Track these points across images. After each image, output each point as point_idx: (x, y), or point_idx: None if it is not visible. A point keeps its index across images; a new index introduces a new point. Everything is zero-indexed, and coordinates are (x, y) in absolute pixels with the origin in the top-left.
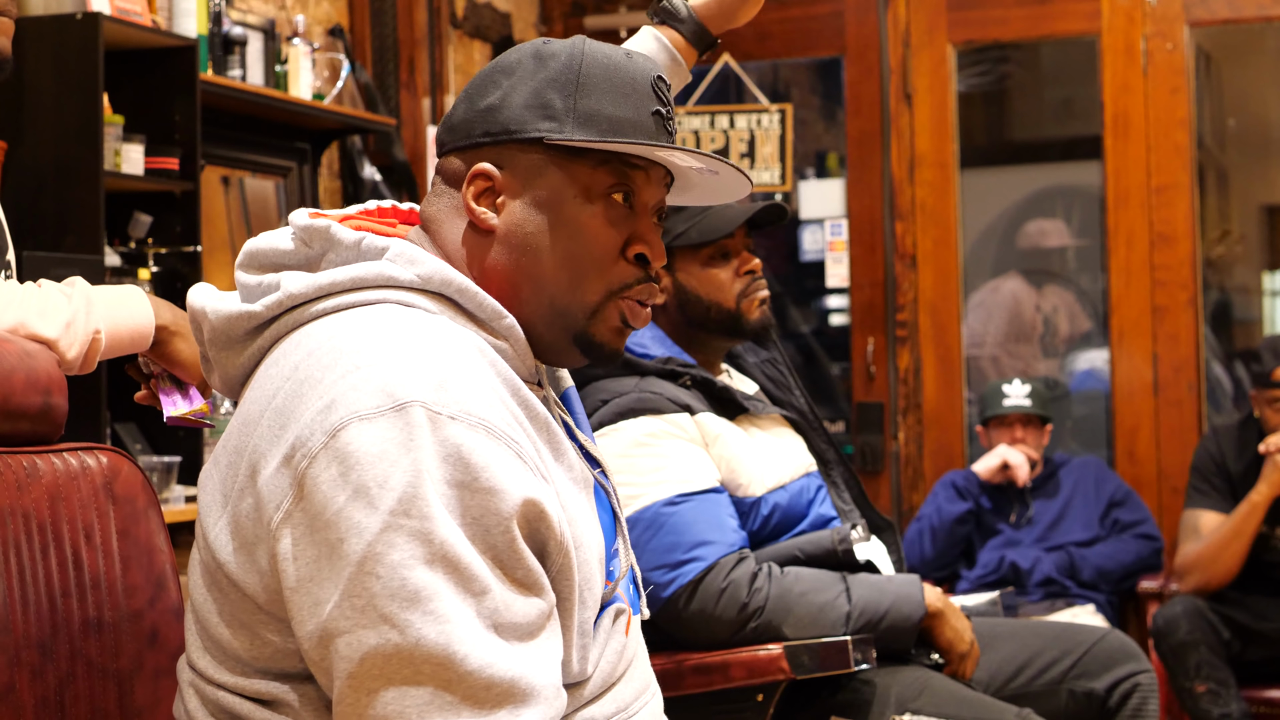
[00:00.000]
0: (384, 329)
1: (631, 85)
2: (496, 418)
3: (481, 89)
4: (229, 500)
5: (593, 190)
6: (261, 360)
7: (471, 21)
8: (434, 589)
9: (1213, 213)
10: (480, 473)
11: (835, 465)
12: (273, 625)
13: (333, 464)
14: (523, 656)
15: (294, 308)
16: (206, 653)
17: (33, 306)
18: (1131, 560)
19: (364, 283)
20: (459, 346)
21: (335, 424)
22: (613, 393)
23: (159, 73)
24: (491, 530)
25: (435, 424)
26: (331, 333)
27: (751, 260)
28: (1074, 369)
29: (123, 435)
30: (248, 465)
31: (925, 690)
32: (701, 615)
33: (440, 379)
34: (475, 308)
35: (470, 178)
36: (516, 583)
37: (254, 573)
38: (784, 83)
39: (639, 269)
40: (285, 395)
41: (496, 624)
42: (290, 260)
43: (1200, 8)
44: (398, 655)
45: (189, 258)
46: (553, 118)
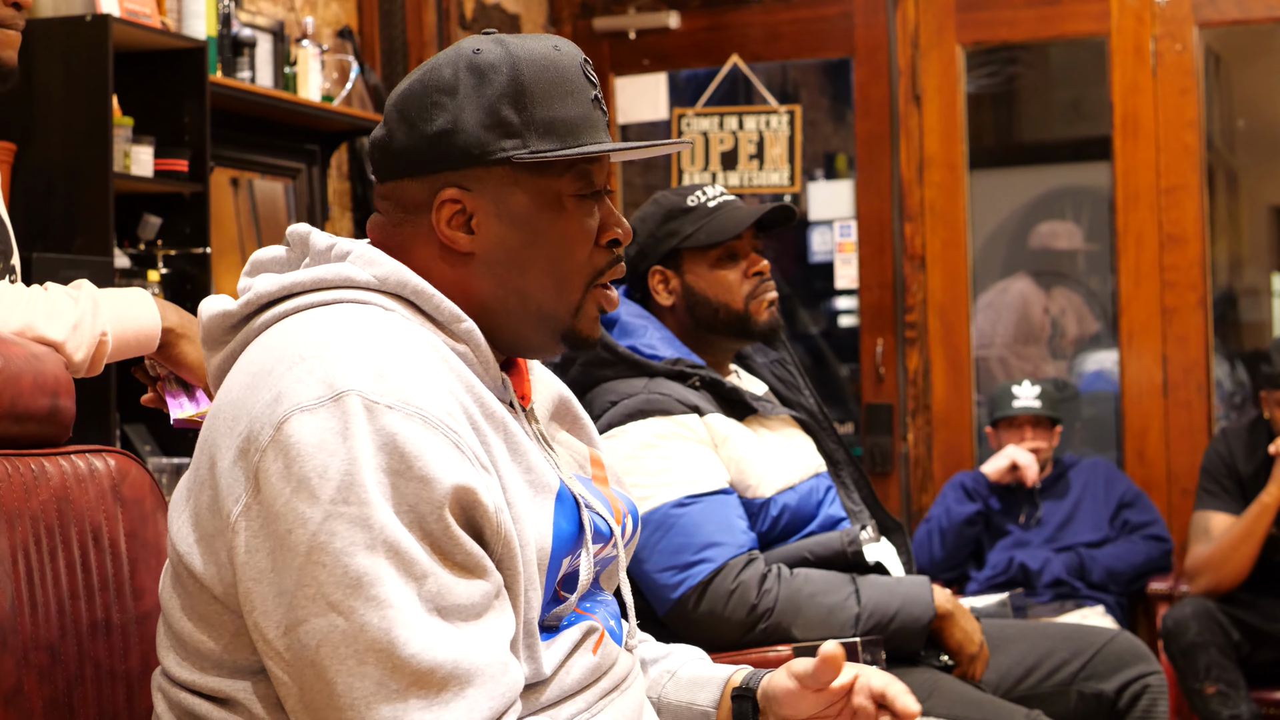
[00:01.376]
0: (334, 324)
1: (571, 81)
2: (434, 407)
3: (423, 111)
4: (192, 494)
5: (563, 195)
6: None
7: (480, 23)
8: (375, 574)
9: (1222, 214)
10: (414, 461)
11: (845, 466)
12: (227, 617)
13: (279, 457)
14: (466, 638)
15: (264, 307)
16: (171, 650)
17: (39, 309)
18: (1141, 561)
19: (325, 283)
20: (405, 338)
21: (280, 416)
22: (621, 394)
23: (168, 74)
24: (426, 517)
25: (371, 412)
26: (288, 330)
27: (760, 262)
28: (1083, 370)
29: (132, 437)
30: (207, 458)
31: (935, 692)
32: (711, 616)
33: (379, 368)
34: (432, 310)
35: (439, 205)
36: (457, 566)
37: (212, 564)
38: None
39: (610, 251)
40: (240, 389)
41: (440, 607)
42: (273, 266)
43: (1209, 8)
44: (344, 642)
45: (198, 259)
46: (513, 134)
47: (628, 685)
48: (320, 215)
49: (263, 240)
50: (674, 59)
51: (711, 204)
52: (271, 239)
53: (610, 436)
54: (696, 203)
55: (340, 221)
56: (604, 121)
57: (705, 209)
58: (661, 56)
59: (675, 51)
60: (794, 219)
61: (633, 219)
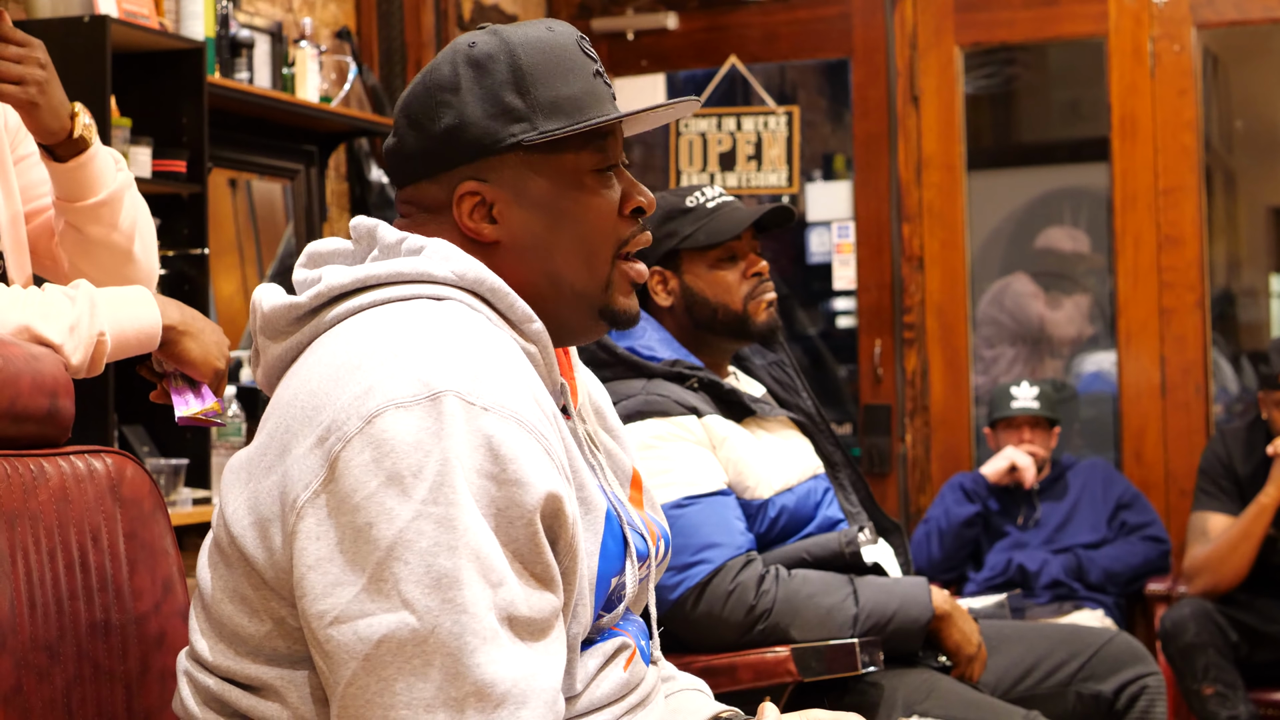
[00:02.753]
0: (422, 320)
1: (569, 59)
2: (528, 411)
3: (429, 112)
4: (252, 477)
5: (581, 172)
6: (302, 352)
7: (478, 24)
8: (455, 576)
9: (1220, 215)
10: (509, 464)
11: (842, 467)
12: (274, 601)
13: (367, 449)
14: (530, 658)
15: (334, 300)
16: (204, 635)
17: (35, 310)
18: (1139, 562)
19: (402, 277)
20: (495, 340)
21: (372, 410)
22: (620, 395)
23: (166, 75)
24: (515, 522)
25: (469, 414)
26: (370, 323)
27: (759, 262)
28: (1081, 371)
29: (130, 438)
30: (278, 444)
31: (933, 693)
32: (709, 617)
33: (475, 370)
34: (506, 309)
35: (458, 199)
36: (534, 577)
37: (264, 549)
38: (791, 85)
39: (633, 220)
40: (321, 379)
41: (511, 617)
42: (339, 258)
43: (1207, 9)
44: (413, 640)
45: (196, 260)
46: (520, 118)
47: (652, 700)
48: (318, 216)
49: (261, 242)
50: (672, 60)
51: (710, 205)
52: (269, 240)
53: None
54: (695, 203)
55: (338, 223)
56: (609, 94)
57: (704, 210)
58: (659, 57)
59: (673, 52)
60: (793, 220)
61: None
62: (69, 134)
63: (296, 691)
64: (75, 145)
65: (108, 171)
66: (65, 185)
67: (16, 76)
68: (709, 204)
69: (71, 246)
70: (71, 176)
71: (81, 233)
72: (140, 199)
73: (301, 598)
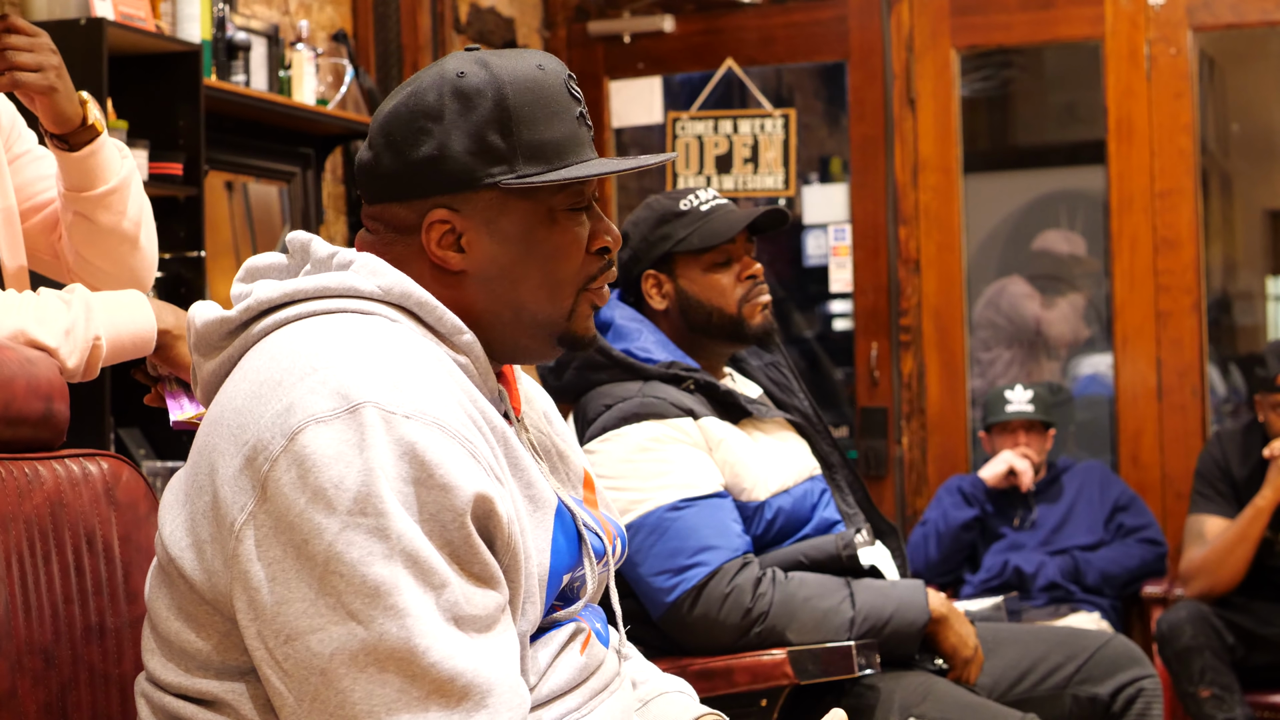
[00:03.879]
0: (343, 334)
1: (556, 101)
2: (450, 416)
3: (409, 137)
4: (188, 498)
5: (554, 210)
6: (234, 367)
7: (475, 27)
8: (393, 584)
9: (1216, 218)
10: (435, 469)
11: (839, 469)
12: (218, 618)
13: (292, 467)
14: (483, 649)
15: (263, 314)
16: (155, 653)
17: (31, 314)
18: (1135, 565)
19: (328, 291)
20: (415, 349)
21: (294, 427)
22: (616, 397)
23: (163, 78)
24: (448, 525)
25: (389, 423)
26: (293, 338)
27: (753, 265)
28: (1077, 374)
29: (126, 441)
30: (207, 464)
31: (929, 695)
32: (705, 620)
33: (394, 379)
34: (435, 321)
35: (427, 227)
36: (474, 576)
37: (203, 569)
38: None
39: (600, 258)
40: (246, 397)
41: (457, 616)
42: (272, 273)
43: (1204, 12)
44: (363, 650)
45: (193, 263)
46: (500, 159)
47: (616, 687)
48: (315, 219)
49: (257, 244)
50: (668, 63)
51: (704, 208)
52: (266, 243)
53: (605, 440)
54: (689, 206)
55: (335, 225)
56: (589, 137)
57: (698, 213)
58: (656, 60)
59: (670, 55)
60: (786, 222)
61: (625, 223)
62: (82, 120)
63: (246, 704)
64: (87, 132)
65: (115, 159)
66: (77, 175)
67: (35, 65)
68: (703, 207)
69: (80, 237)
70: (83, 165)
71: (92, 222)
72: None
73: (254, 620)
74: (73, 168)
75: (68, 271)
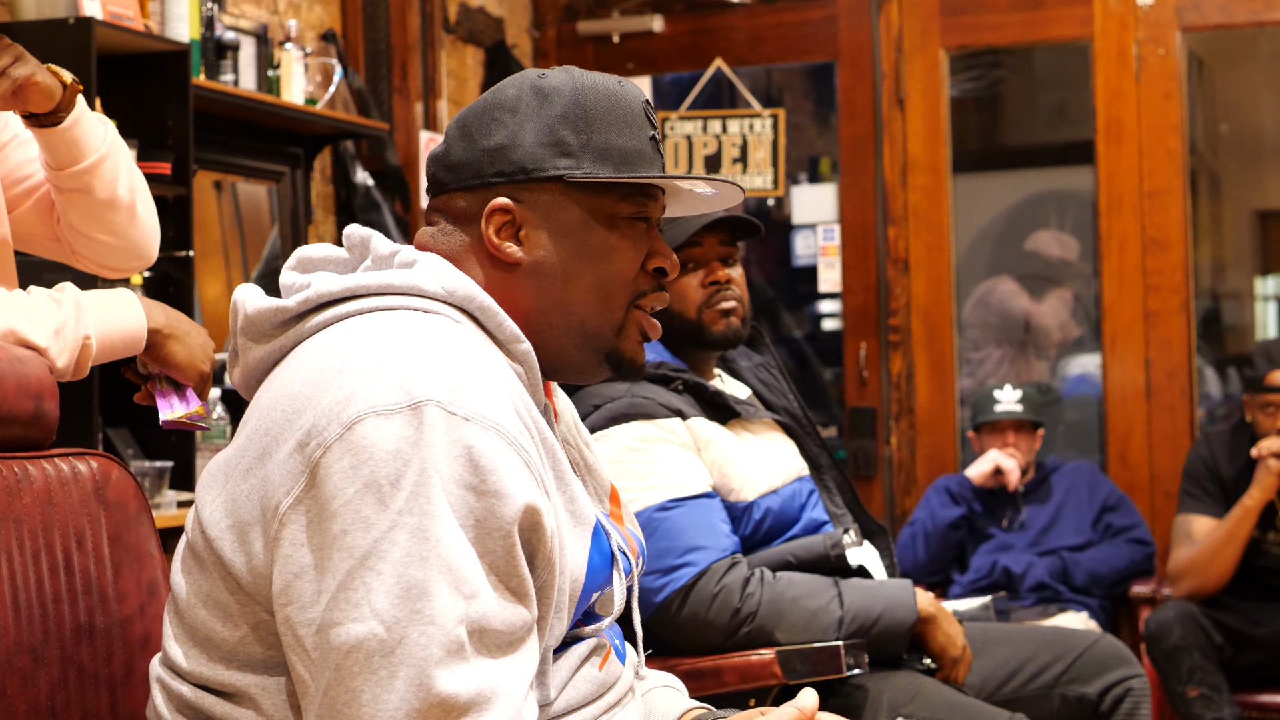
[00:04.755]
0: (408, 330)
1: (631, 115)
2: (509, 423)
3: (483, 127)
4: (230, 479)
5: (615, 218)
6: (285, 356)
7: (464, 26)
8: (425, 588)
9: (1205, 218)
10: (489, 475)
11: (828, 470)
12: (250, 607)
13: (346, 455)
14: (495, 669)
15: (322, 306)
16: (178, 641)
17: (21, 313)
18: (1124, 565)
19: (392, 289)
20: (479, 353)
21: (352, 416)
22: (605, 397)
23: (151, 78)
24: (492, 534)
25: (449, 423)
26: (356, 330)
27: (718, 270)
28: (1066, 374)
29: (115, 440)
30: (258, 447)
31: (918, 695)
32: (694, 620)
33: (458, 380)
34: (494, 328)
35: (489, 214)
36: (509, 590)
37: (243, 553)
38: (777, 88)
39: (655, 279)
40: (303, 383)
41: (482, 629)
42: (330, 265)
43: (1192, 13)
44: (380, 651)
45: (181, 263)
46: (569, 154)
47: (627, 702)
48: (303, 219)
49: (246, 244)
50: (658, 63)
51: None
52: (255, 242)
53: (593, 440)
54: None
55: (324, 225)
56: (661, 163)
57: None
58: (645, 60)
59: (659, 55)
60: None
61: None
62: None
63: (270, 698)
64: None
65: (98, 128)
66: (64, 150)
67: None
68: None
69: (77, 214)
70: (68, 137)
71: (89, 195)
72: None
73: (287, 605)
74: (58, 142)
75: (70, 253)
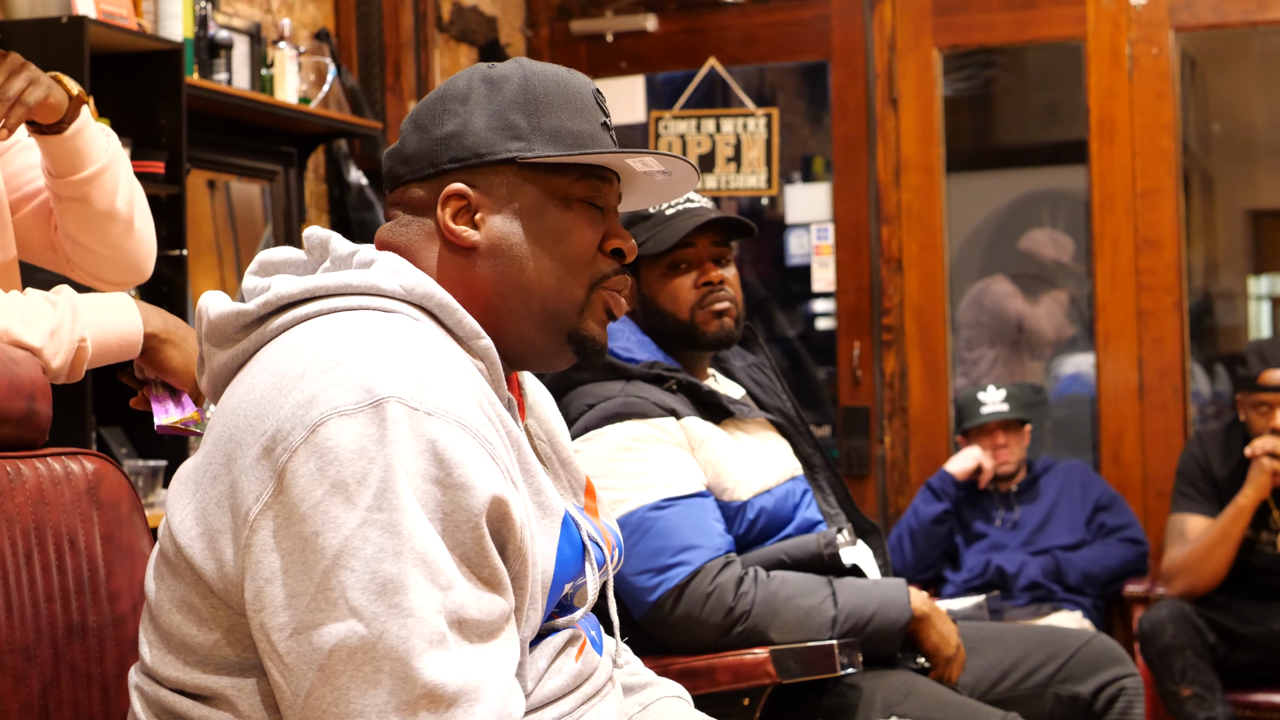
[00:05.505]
0: (366, 330)
1: (581, 100)
2: (471, 416)
3: (434, 118)
4: (199, 487)
5: (570, 198)
6: (248, 360)
7: (457, 25)
8: (401, 581)
9: (1198, 217)
10: (454, 468)
11: (821, 469)
12: (223, 612)
13: (311, 458)
14: (479, 657)
15: (282, 309)
16: (153, 646)
17: (16, 314)
18: (1117, 564)
19: (350, 289)
20: (439, 349)
21: (315, 419)
22: (598, 397)
23: (145, 76)
24: (461, 526)
25: (412, 419)
26: (316, 332)
27: (713, 272)
28: (1060, 373)
29: (108, 440)
30: (223, 453)
31: (911, 694)
32: (687, 619)
33: (418, 376)
34: (454, 324)
35: (444, 200)
36: (482, 581)
37: (213, 560)
38: (770, 87)
39: (615, 261)
40: (265, 388)
41: (460, 619)
42: (290, 268)
43: (1185, 13)
44: (362, 648)
45: (175, 262)
46: (520, 137)
47: (607, 692)
48: (297, 217)
49: (239, 243)
50: (651, 62)
51: (669, 211)
52: (248, 242)
53: (587, 440)
54: (655, 209)
55: (317, 224)
56: (613, 146)
57: (662, 216)
58: (639, 59)
59: (652, 54)
60: (751, 231)
61: None
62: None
63: (246, 699)
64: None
65: (101, 139)
66: (65, 159)
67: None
68: (668, 210)
69: (74, 223)
70: (70, 146)
71: (86, 204)
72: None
73: (259, 611)
74: (60, 151)
75: (66, 262)
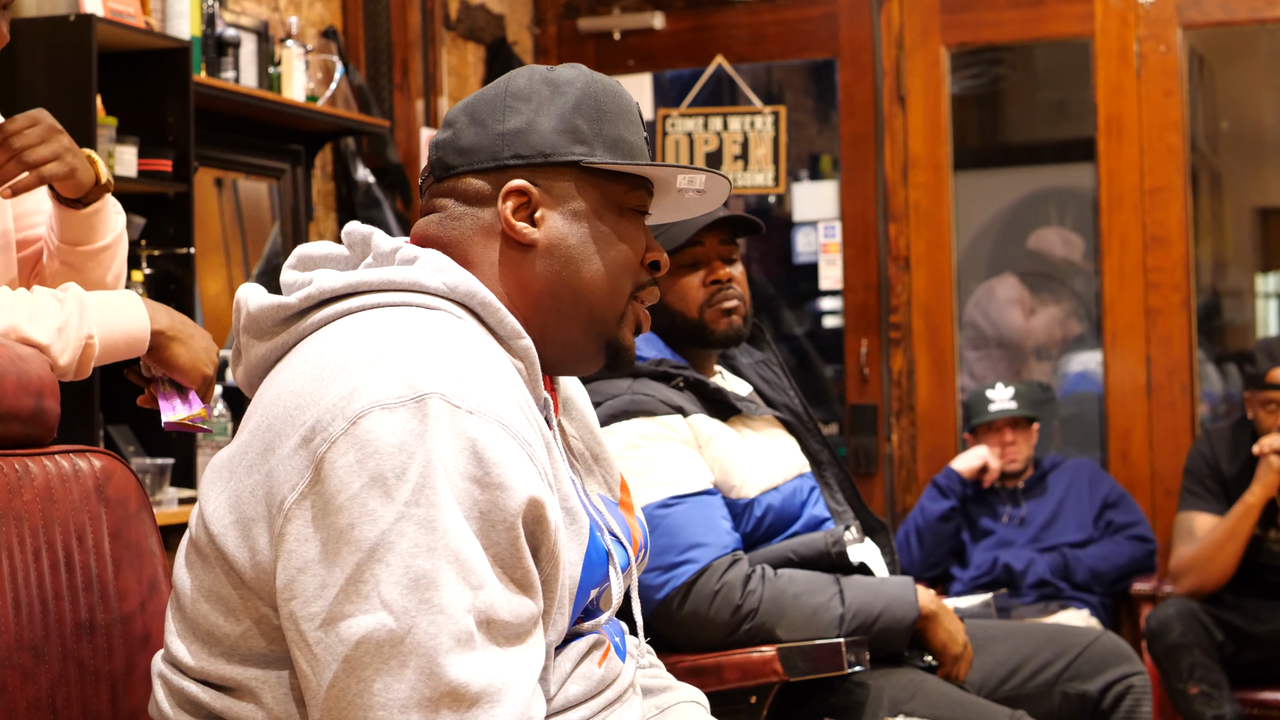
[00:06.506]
0: (410, 326)
1: (632, 113)
2: (512, 416)
3: (495, 113)
4: (234, 476)
5: (623, 207)
6: (287, 353)
7: (465, 24)
8: (433, 578)
9: (1206, 215)
10: (492, 468)
11: (829, 466)
12: (252, 602)
13: (351, 449)
14: (505, 660)
15: (324, 303)
16: (180, 636)
17: (23, 311)
18: (1125, 562)
19: (393, 285)
20: (481, 348)
21: (357, 411)
22: (605, 394)
23: (152, 75)
24: (497, 526)
25: (453, 416)
26: (359, 326)
27: (720, 270)
28: (1067, 371)
29: (116, 438)
30: (261, 443)
31: (918, 692)
32: (695, 617)
33: (461, 374)
34: (495, 324)
35: (506, 195)
36: (514, 582)
37: (246, 549)
38: (777, 85)
39: (650, 272)
40: (306, 379)
41: (489, 620)
42: (331, 263)
43: (1193, 10)
44: (390, 641)
45: (182, 260)
46: (584, 142)
47: (628, 698)
48: (304, 216)
49: (247, 241)
50: (659, 60)
51: None
52: (255, 240)
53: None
54: None
55: (324, 222)
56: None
57: None
58: (646, 57)
59: (660, 52)
60: (759, 228)
61: None
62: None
63: (272, 692)
64: (101, 190)
65: (113, 215)
66: (77, 229)
67: (51, 154)
68: None
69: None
70: (86, 221)
71: (82, 274)
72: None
73: (290, 600)
74: (75, 222)
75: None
